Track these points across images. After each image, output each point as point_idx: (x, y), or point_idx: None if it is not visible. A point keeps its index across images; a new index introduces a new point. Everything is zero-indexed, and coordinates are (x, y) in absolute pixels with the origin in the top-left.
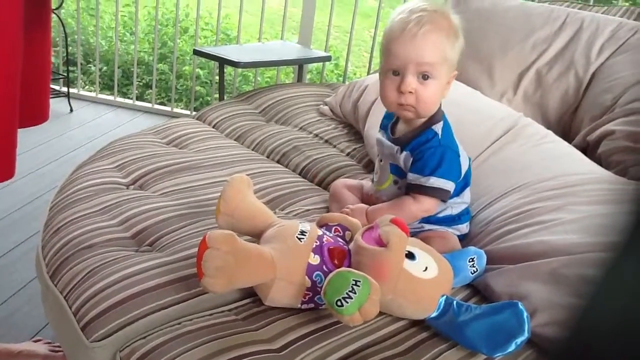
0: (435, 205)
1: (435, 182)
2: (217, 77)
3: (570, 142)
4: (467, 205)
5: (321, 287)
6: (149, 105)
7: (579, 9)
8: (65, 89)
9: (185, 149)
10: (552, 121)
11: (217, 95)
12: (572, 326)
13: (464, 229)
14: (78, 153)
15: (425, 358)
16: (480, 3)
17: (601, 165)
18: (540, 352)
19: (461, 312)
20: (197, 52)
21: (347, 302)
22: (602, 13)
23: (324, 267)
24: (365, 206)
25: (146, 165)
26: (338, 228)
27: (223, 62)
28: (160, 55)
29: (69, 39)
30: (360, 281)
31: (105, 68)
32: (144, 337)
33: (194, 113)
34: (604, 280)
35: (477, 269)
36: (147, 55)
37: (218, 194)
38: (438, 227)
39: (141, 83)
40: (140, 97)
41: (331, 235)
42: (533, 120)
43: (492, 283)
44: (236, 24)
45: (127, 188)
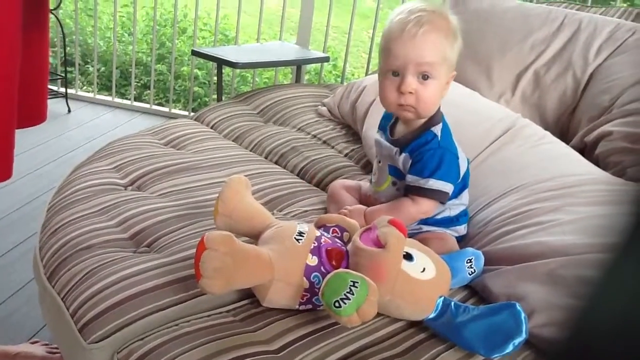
0: (433, 207)
1: (434, 184)
2: (215, 78)
3: (568, 143)
4: (465, 206)
5: (319, 288)
6: (147, 106)
7: (577, 10)
8: (63, 90)
9: (183, 150)
10: (550, 122)
11: (215, 96)
12: (572, 327)
13: (462, 231)
14: (76, 154)
15: (423, 359)
16: (478, 4)
17: (599, 166)
18: (538, 353)
19: (459, 313)
20: (196, 53)
21: (345, 303)
22: (600, 14)
23: (322, 268)
24: (363, 207)
25: (144, 166)
26: (336, 229)
27: (221, 63)
28: (158, 55)
29: (67, 40)
30: (358, 282)
31: (103, 69)
32: (142, 339)
33: (192, 114)
34: (604, 281)
35: (475, 270)
36: (145, 55)
37: (216, 195)
38: (436, 229)
39: (139, 84)
40: (138, 98)
41: (329, 236)
42: (531, 121)
43: (490, 284)
44: (234, 25)
45: (125, 189)
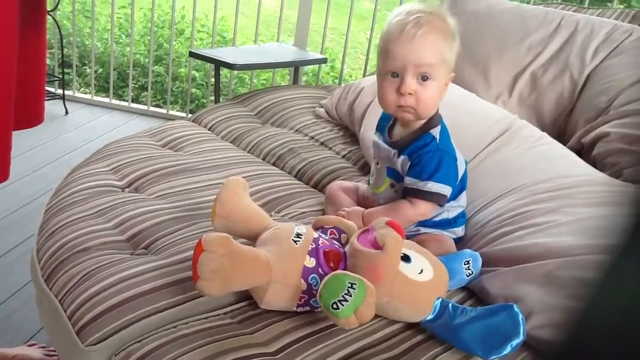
0: (431, 209)
1: (432, 187)
2: (213, 79)
3: (565, 144)
4: (463, 208)
5: (317, 290)
6: (145, 107)
7: (574, 12)
8: (60, 91)
9: (180, 152)
10: (547, 123)
11: (213, 97)
12: (571, 328)
13: (460, 232)
14: (73, 155)
15: None
16: (475, 5)
17: (596, 167)
18: (535, 355)
19: (457, 315)
20: (193, 54)
21: (343, 305)
22: (597, 15)
23: (320, 270)
24: (361, 209)
25: (142, 167)
26: (334, 231)
27: (219, 64)
28: (156, 57)
29: (65, 41)
30: (356, 284)
31: (100, 70)
32: (140, 341)
33: (190, 115)
34: (604, 282)
35: (473, 272)
36: (143, 57)
37: (214, 197)
38: (434, 230)
39: (137, 85)
40: (135, 100)
41: (327, 237)
42: (528, 122)
43: (488, 285)
44: (232, 26)
45: (123, 191)
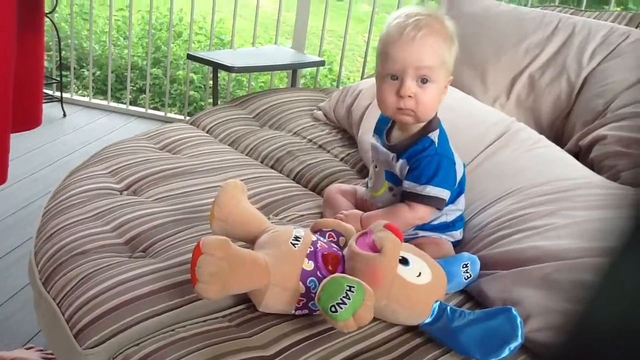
0: (430, 213)
1: (431, 191)
2: (211, 82)
3: (562, 147)
4: (462, 212)
5: (315, 293)
6: (143, 110)
7: (571, 14)
8: (58, 94)
9: (179, 154)
10: (545, 126)
11: (211, 100)
12: (571, 331)
13: (458, 236)
14: (71, 158)
15: None
16: (472, 8)
17: (593, 169)
18: (534, 357)
19: (455, 318)
20: (191, 57)
21: (341, 308)
22: (594, 18)
23: (318, 273)
24: (359, 212)
25: (140, 170)
26: (332, 234)
27: (217, 67)
28: (154, 59)
29: (63, 43)
30: (354, 287)
31: (98, 72)
32: (137, 344)
33: (188, 118)
34: (603, 284)
35: (471, 275)
36: (141, 59)
37: (212, 200)
38: (432, 234)
39: (135, 88)
40: (133, 102)
41: (325, 240)
42: (526, 125)
43: (486, 288)
44: (230, 29)
45: (121, 194)
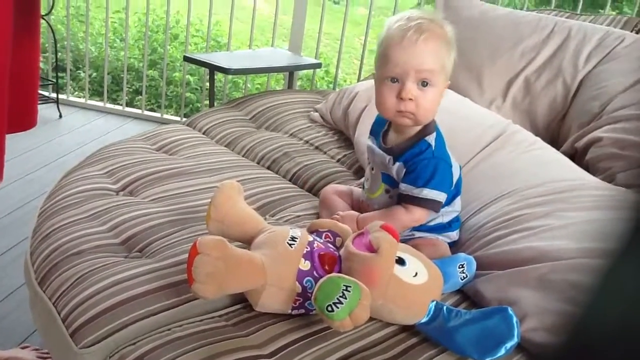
0: (426, 215)
1: (428, 194)
2: (208, 84)
3: (558, 149)
4: (458, 213)
5: (312, 293)
6: (139, 111)
7: (567, 18)
8: (54, 95)
9: (175, 155)
10: (541, 128)
11: (208, 101)
12: (570, 332)
13: (454, 236)
14: (67, 159)
15: None
16: (469, 12)
17: (589, 171)
18: (529, 357)
19: (451, 318)
20: (188, 59)
21: (338, 308)
22: (590, 22)
23: (315, 273)
24: (355, 213)
25: (136, 171)
26: (328, 234)
27: (213, 69)
28: (150, 61)
29: (59, 45)
30: (350, 286)
31: (94, 74)
32: (134, 344)
33: (184, 119)
34: (602, 286)
35: (467, 275)
36: (137, 61)
37: (208, 200)
38: (428, 235)
39: (131, 89)
40: (130, 104)
41: (322, 241)
42: (522, 127)
43: (482, 289)
44: (227, 31)
45: (117, 194)
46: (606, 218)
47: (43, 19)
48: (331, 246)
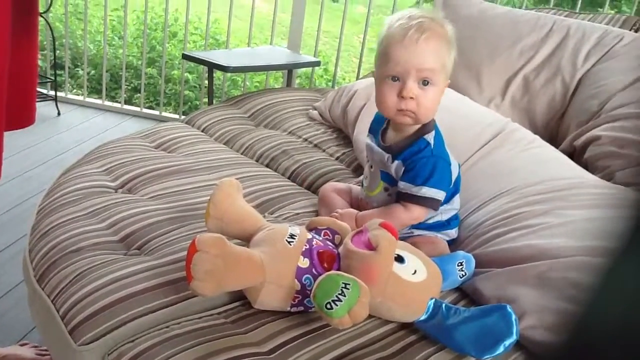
0: (425, 213)
1: (427, 192)
2: (206, 82)
3: (557, 147)
4: (457, 211)
5: (311, 290)
6: (138, 109)
7: (566, 17)
8: (52, 93)
9: (174, 153)
10: (540, 126)
11: (206, 99)
12: (571, 330)
13: (453, 234)
14: (66, 156)
15: None
16: (468, 10)
17: (588, 169)
18: (528, 355)
19: (450, 315)
20: (186, 57)
21: (337, 305)
22: (588, 20)
23: (314, 271)
24: (354, 211)
25: (135, 169)
26: (327, 232)
27: (212, 67)
28: (149, 59)
29: (57, 43)
30: (349, 284)
31: (93, 72)
32: (132, 341)
33: (183, 117)
34: (603, 285)
35: (466, 273)
36: (136, 59)
37: (207, 198)
38: (427, 232)
39: (130, 87)
40: (128, 101)
41: (321, 238)
42: (520, 125)
43: (481, 287)
44: (225, 29)
45: (116, 192)
46: (605, 216)
47: (41, 17)
48: (330, 244)
